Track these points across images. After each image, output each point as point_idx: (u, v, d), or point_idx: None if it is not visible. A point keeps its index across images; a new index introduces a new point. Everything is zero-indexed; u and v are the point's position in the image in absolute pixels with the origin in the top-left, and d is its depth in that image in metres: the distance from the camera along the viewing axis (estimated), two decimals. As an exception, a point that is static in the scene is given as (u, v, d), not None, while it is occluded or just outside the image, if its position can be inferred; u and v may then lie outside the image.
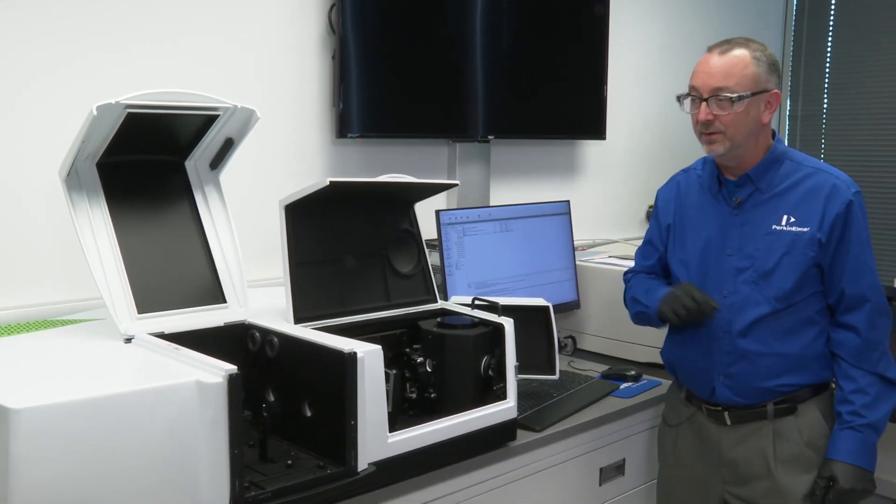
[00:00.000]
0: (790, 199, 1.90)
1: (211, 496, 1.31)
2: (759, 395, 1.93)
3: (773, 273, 1.89)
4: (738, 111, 1.84)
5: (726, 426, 1.97)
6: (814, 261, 1.87)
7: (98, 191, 1.63)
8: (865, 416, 1.84)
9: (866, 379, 1.86)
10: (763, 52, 1.88)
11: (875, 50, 4.09)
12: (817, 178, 1.90)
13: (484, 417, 1.74)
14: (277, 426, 1.59)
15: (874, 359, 1.87)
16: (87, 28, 2.04)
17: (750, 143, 1.90)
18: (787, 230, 1.88)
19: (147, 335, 1.55)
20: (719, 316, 1.93)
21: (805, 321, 1.90)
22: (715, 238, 1.97)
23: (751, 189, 1.93)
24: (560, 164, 3.28)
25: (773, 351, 1.90)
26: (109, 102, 1.47)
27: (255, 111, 1.69)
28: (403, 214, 1.95)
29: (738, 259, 1.93)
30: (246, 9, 2.32)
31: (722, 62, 1.86)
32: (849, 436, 1.85)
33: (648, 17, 3.58)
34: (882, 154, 4.08)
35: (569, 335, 2.75)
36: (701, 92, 1.88)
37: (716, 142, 1.89)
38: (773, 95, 1.89)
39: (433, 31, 2.66)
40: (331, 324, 1.73)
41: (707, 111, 1.86)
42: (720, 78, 1.85)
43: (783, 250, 1.88)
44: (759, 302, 1.90)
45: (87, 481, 1.22)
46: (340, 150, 2.56)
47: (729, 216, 1.96)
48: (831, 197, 1.87)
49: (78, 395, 1.23)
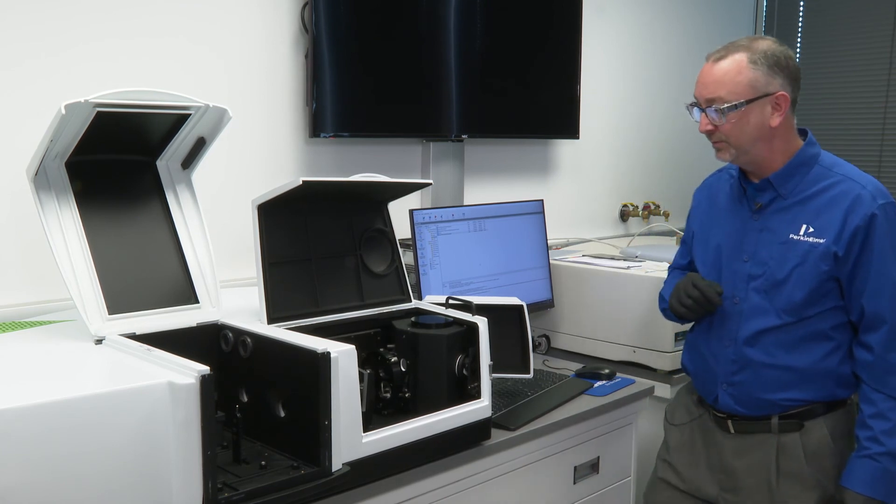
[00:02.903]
0: (812, 208, 1.82)
1: (183, 498, 1.30)
2: (761, 406, 1.88)
3: (784, 283, 1.82)
4: (734, 120, 1.79)
5: (730, 434, 1.94)
6: (828, 275, 1.79)
7: (67, 190, 1.61)
8: (884, 444, 1.75)
9: (887, 404, 1.76)
10: (766, 53, 1.79)
11: (844, 50, 4.15)
12: (843, 186, 1.81)
13: (458, 417, 1.74)
14: (251, 427, 1.58)
15: (895, 383, 1.77)
16: (51, 24, 2.01)
17: (761, 148, 1.83)
18: (804, 240, 1.81)
19: (118, 336, 1.53)
20: (729, 323, 1.89)
21: (818, 335, 1.83)
22: (733, 242, 1.92)
23: (773, 194, 1.86)
24: (534, 163, 3.29)
25: (780, 363, 1.84)
26: (78, 101, 1.45)
27: (227, 110, 1.67)
28: (377, 214, 1.94)
29: (753, 266, 1.87)
30: (218, 8, 2.30)
31: (714, 71, 1.81)
32: (865, 465, 1.77)
33: (620, 17, 3.60)
34: (851, 153, 4.13)
35: (543, 334, 2.76)
36: (700, 102, 1.84)
37: (721, 150, 1.85)
38: (780, 97, 1.79)
39: (407, 31, 2.66)
40: (304, 324, 1.72)
41: (706, 121, 1.82)
42: (712, 88, 1.80)
43: (797, 261, 1.81)
44: (767, 312, 1.84)
45: (56, 485, 1.21)
46: (313, 150, 2.55)
47: (749, 220, 1.90)
48: (853, 208, 1.78)
49: (47, 397, 1.21)
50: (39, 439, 1.19)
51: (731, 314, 1.90)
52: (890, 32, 3.98)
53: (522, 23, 2.99)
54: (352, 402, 1.51)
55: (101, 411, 1.24)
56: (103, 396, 1.26)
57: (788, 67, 1.81)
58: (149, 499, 1.29)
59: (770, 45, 1.81)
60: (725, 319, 1.91)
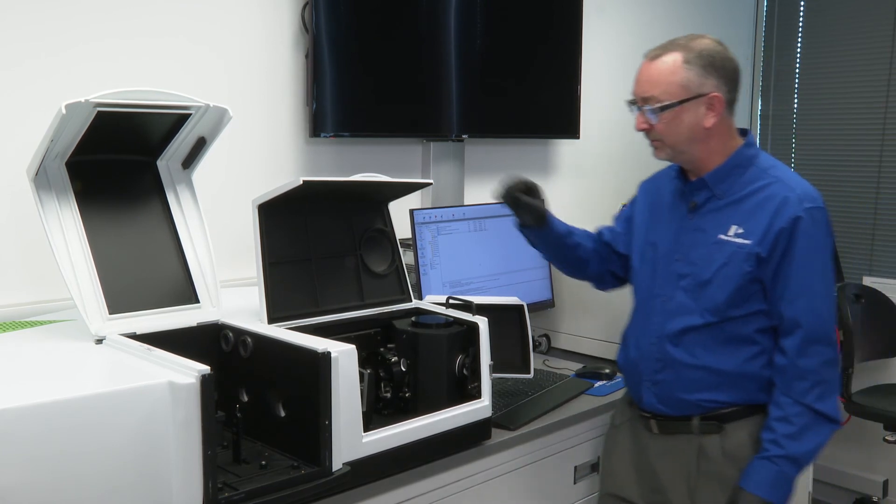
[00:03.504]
0: (743, 209, 1.81)
1: (184, 498, 1.30)
2: (683, 406, 1.86)
3: (709, 284, 1.81)
4: (668, 120, 1.78)
5: (654, 434, 1.92)
6: (751, 276, 1.77)
7: (67, 190, 1.61)
8: (785, 448, 1.74)
9: (794, 409, 1.75)
10: (701, 53, 1.78)
11: (844, 50, 4.15)
12: (773, 188, 1.79)
13: (458, 416, 1.75)
14: (251, 427, 1.57)
15: (803, 388, 1.74)
16: (51, 24, 2.01)
17: (697, 148, 1.82)
18: (732, 241, 1.79)
19: (119, 336, 1.53)
20: (655, 322, 1.89)
21: (741, 339, 1.81)
22: (669, 240, 1.91)
23: (708, 194, 1.85)
24: (534, 163, 3.29)
25: (701, 364, 1.83)
26: (79, 101, 1.45)
27: (227, 110, 1.67)
28: (377, 214, 1.94)
29: (683, 265, 1.86)
30: (218, 8, 2.30)
31: (649, 70, 1.80)
32: (763, 467, 1.75)
33: (621, 17, 3.60)
34: (852, 153, 4.14)
35: (543, 334, 2.76)
36: (636, 100, 1.83)
37: (658, 148, 1.85)
38: (714, 98, 1.78)
39: (407, 31, 2.66)
40: (304, 323, 1.72)
41: (641, 120, 1.82)
42: (646, 87, 1.80)
43: (723, 261, 1.80)
44: (692, 311, 1.83)
45: (56, 485, 1.21)
46: (314, 150, 2.55)
47: (685, 219, 1.89)
48: (779, 210, 1.76)
49: (48, 396, 1.21)
50: (40, 439, 1.19)
51: (658, 312, 1.89)
52: (890, 32, 3.98)
53: (523, 23, 2.99)
54: (352, 402, 1.51)
55: (102, 411, 1.25)
56: (104, 396, 1.26)
57: (724, 68, 1.80)
58: (149, 498, 1.29)
59: (707, 45, 1.80)
60: (653, 317, 1.90)
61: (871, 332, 3.41)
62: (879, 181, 4.06)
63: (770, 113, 4.42)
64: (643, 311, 1.94)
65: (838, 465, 3.64)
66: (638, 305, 1.98)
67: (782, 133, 4.40)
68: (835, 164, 4.19)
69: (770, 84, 4.41)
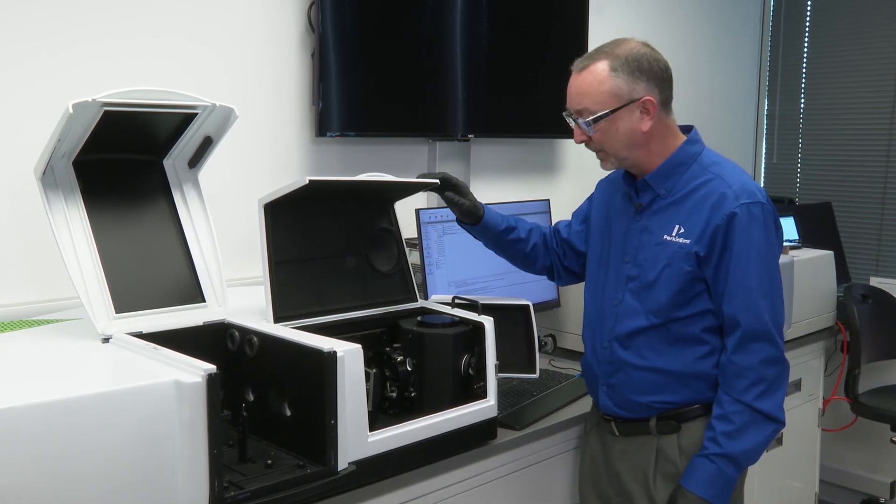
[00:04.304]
0: (684, 208, 1.79)
1: (189, 496, 1.30)
2: (638, 409, 1.85)
3: (653, 286, 1.80)
4: (604, 130, 1.76)
5: (615, 436, 1.92)
6: (692, 276, 1.76)
7: (74, 189, 1.61)
8: (722, 446, 1.73)
9: (733, 406, 1.74)
10: (627, 58, 1.73)
11: (851, 50, 4.14)
12: (712, 185, 1.77)
13: (464, 416, 1.74)
14: (257, 426, 1.58)
15: (742, 386, 1.73)
16: (54, 23, 2.01)
17: (638, 153, 1.80)
18: (674, 241, 1.78)
19: (125, 335, 1.53)
20: (606, 325, 1.88)
21: (689, 339, 1.79)
22: (619, 242, 1.89)
23: (652, 194, 1.83)
24: (540, 162, 3.29)
25: (651, 365, 1.81)
26: (86, 100, 1.46)
27: (233, 109, 1.68)
28: (383, 213, 1.94)
29: (631, 267, 1.85)
30: (224, 7, 2.30)
31: (578, 82, 1.78)
32: (702, 465, 1.75)
33: (626, 18, 3.59)
34: (858, 153, 4.13)
35: (549, 333, 2.75)
36: (571, 113, 1.81)
37: (602, 159, 1.84)
38: (646, 102, 1.74)
39: (413, 30, 2.66)
40: (310, 323, 1.72)
41: (578, 132, 1.81)
42: (577, 100, 1.78)
43: (665, 262, 1.78)
44: (638, 313, 1.82)
45: (63, 483, 1.21)
46: (320, 149, 2.55)
47: (633, 221, 1.87)
48: (716, 207, 1.74)
49: (55, 395, 1.22)
50: (46, 438, 1.19)
51: (610, 315, 1.88)
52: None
53: (528, 22, 2.99)
54: (358, 402, 1.52)
55: (108, 410, 1.25)
56: (110, 395, 1.26)
57: (652, 70, 1.76)
58: (155, 497, 1.29)
59: (633, 49, 1.76)
60: (605, 320, 1.89)
61: (878, 332, 3.39)
62: (886, 181, 4.05)
63: (776, 113, 4.42)
64: (598, 314, 1.92)
65: (845, 466, 3.63)
66: (593, 307, 1.96)
67: (789, 133, 4.39)
68: (841, 164, 4.18)
69: (776, 84, 4.40)
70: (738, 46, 4.28)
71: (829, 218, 3.98)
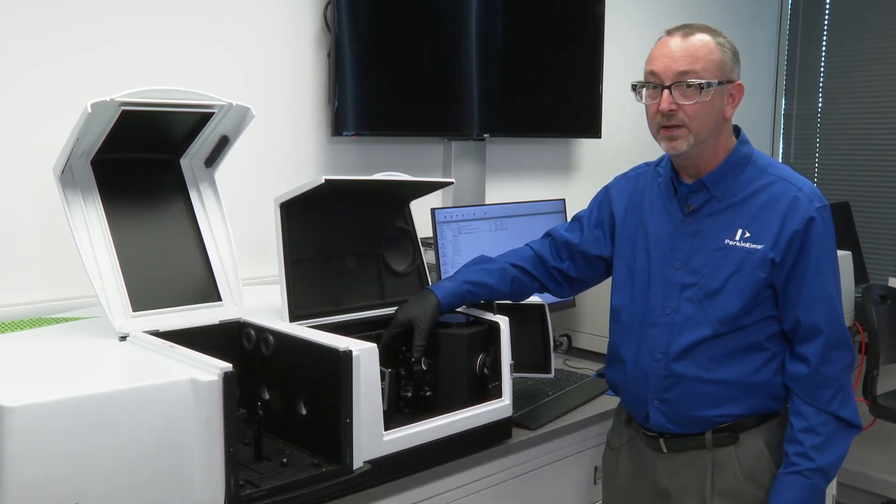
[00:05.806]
0: (747, 211, 1.70)
1: (205, 494, 1.31)
2: (695, 423, 1.74)
3: (719, 293, 1.69)
4: (705, 101, 1.64)
5: (662, 453, 1.80)
6: (765, 283, 1.67)
7: (93, 188, 1.62)
8: (815, 460, 1.65)
9: (819, 418, 1.66)
10: (726, 40, 1.69)
11: (869, 49, 4.10)
12: (778, 187, 1.69)
13: (479, 416, 1.74)
14: (272, 424, 1.58)
15: (827, 396, 1.67)
16: (74, 24, 2.03)
17: (712, 141, 1.70)
18: (740, 246, 1.69)
19: (142, 333, 1.54)
20: (658, 335, 1.75)
21: (751, 347, 1.71)
22: (663, 247, 1.77)
23: (706, 196, 1.73)
24: (555, 162, 3.28)
25: (713, 377, 1.71)
26: (104, 100, 1.47)
27: (250, 109, 1.68)
28: (398, 212, 1.95)
29: (685, 274, 1.73)
30: (241, 7, 2.31)
31: (686, 45, 1.66)
32: (795, 482, 1.67)
33: (643, 17, 3.58)
34: (876, 153, 4.10)
35: (564, 333, 2.75)
36: (662, 79, 1.68)
37: (678, 137, 1.68)
38: (737, 87, 1.69)
39: (429, 29, 2.66)
40: (326, 322, 1.72)
41: (670, 100, 1.65)
42: (686, 62, 1.65)
43: (732, 268, 1.68)
44: (700, 323, 1.71)
45: (80, 479, 1.22)
46: (336, 148, 2.56)
47: (680, 224, 1.76)
48: (790, 211, 1.66)
49: (72, 392, 1.22)
50: (63, 435, 1.20)
51: (663, 326, 1.75)
52: (917, 31, 3.94)
53: (544, 21, 2.98)
54: (373, 401, 1.52)
55: (125, 407, 1.25)
56: (127, 393, 1.27)
57: (738, 59, 1.71)
58: (171, 495, 1.30)
59: (724, 35, 1.72)
60: (656, 331, 1.76)
61: (897, 333, 3.37)
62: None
63: (794, 112, 4.39)
64: (640, 325, 1.80)
65: (863, 468, 3.61)
66: (631, 317, 1.83)
67: (806, 132, 4.36)
68: (860, 164, 4.15)
69: (794, 83, 4.37)
70: (755, 45, 4.25)
71: (848, 218, 3.94)
